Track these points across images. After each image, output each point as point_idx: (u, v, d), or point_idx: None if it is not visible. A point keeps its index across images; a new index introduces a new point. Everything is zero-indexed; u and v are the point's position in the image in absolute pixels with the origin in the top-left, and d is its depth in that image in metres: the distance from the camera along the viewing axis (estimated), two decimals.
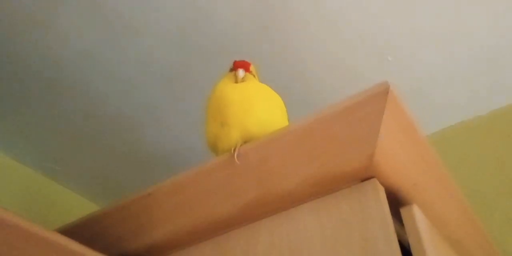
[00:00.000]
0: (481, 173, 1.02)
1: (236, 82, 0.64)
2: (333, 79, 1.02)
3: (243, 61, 0.67)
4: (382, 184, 0.54)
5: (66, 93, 1.04)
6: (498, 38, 0.97)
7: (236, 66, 0.66)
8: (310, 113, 0.54)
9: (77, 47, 0.96)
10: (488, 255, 0.73)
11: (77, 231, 0.65)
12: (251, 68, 0.67)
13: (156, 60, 0.99)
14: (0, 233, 0.48)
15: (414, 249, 0.51)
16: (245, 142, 0.58)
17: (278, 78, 0.98)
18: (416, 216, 0.53)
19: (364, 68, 1.00)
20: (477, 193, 0.99)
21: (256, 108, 0.61)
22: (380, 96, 0.49)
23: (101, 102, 1.06)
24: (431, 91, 1.06)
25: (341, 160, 0.53)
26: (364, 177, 0.54)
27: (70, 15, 0.91)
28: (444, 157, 0.64)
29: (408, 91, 1.04)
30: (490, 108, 1.09)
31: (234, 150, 0.56)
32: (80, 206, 1.25)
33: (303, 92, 1.04)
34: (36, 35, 0.93)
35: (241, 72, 0.64)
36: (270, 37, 0.95)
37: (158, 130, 1.13)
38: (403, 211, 0.54)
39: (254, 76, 0.68)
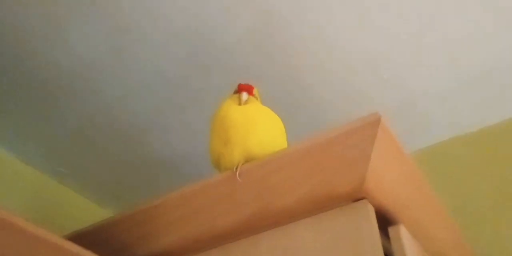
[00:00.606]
0: (472, 187, 1.07)
1: (240, 104, 0.69)
2: (328, 93, 1.07)
3: (247, 84, 0.72)
4: (372, 204, 0.58)
5: (76, 100, 1.08)
6: (490, 55, 1.01)
7: (240, 89, 0.70)
8: (308, 136, 0.58)
9: (86, 58, 1.01)
10: None
11: (85, 238, 0.69)
12: (254, 91, 0.72)
13: (161, 69, 1.03)
14: (9, 237, 0.51)
15: None
16: (246, 161, 0.63)
17: (278, 97, 1.04)
18: (402, 235, 0.57)
19: (360, 85, 1.05)
20: (467, 207, 1.04)
21: (257, 129, 0.65)
22: (373, 124, 0.54)
23: (108, 108, 1.11)
24: (424, 107, 1.10)
25: (334, 181, 0.58)
26: (356, 197, 0.58)
27: (79, 29, 0.95)
28: (435, 171, 0.68)
29: (404, 108, 1.09)
30: (482, 125, 1.13)
31: (236, 168, 0.61)
32: (86, 209, 1.30)
33: (304, 113, 1.09)
34: (47, 48, 0.97)
35: (244, 95, 0.69)
36: (270, 57, 1.00)
37: (163, 136, 1.18)
38: (391, 230, 0.58)
39: (256, 99, 0.73)
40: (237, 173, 0.61)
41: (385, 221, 0.60)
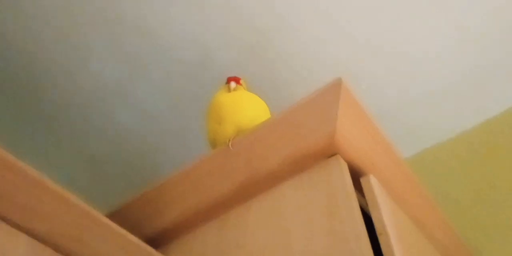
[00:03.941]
0: (458, 185, 1.15)
1: (229, 91, 0.81)
2: None
3: (235, 76, 0.85)
4: (344, 159, 0.68)
5: (92, 126, 1.22)
6: (468, 60, 1.13)
7: (229, 80, 0.84)
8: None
9: (103, 82, 1.15)
10: (446, 235, 0.85)
11: None
12: (241, 81, 0.85)
13: (171, 92, 1.17)
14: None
15: (371, 209, 0.64)
16: (237, 135, 0.74)
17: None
18: (373, 183, 0.66)
19: None
20: (453, 203, 1.11)
21: (244, 108, 0.78)
22: (335, 87, 0.65)
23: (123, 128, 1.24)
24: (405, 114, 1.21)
25: (309, 140, 0.68)
26: (329, 153, 0.68)
27: (99, 56, 1.11)
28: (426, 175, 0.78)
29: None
30: (462, 129, 1.23)
31: (229, 140, 0.72)
32: None
33: None
34: (70, 77, 1.13)
35: (232, 84, 0.82)
36: (268, 74, 1.14)
37: (176, 155, 1.29)
38: (362, 180, 0.67)
39: (244, 88, 0.85)
40: (230, 144, 0.71)
41: (357, 176, 0.69)
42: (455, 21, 1.07)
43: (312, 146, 0.68)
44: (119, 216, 0.81)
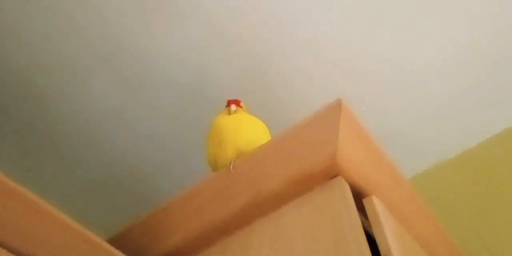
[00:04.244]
0: (460, 204, 1.14)
1: (230, 114, 0.82)
2: None
3: (235, 99, 0.85)
4: (347, 181, 0.68)
5: (93, 151, 1.22)
6: (469, 78, 1.14)
7: (229, 103, 0.84)
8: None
9: (103, 107, 1.16)
10: (451, 254, 0.85)
11: None
12: (241, 104, 0.85)
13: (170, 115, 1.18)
14: None
15: (375, 230, 0.63)
16: (238, 157, 0.74)
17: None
18: (375, 203, 0.66)
19: None
20: (456, 222, 1.11)
21: (245, 131, 0.78)
22: (335, 108, 0.65)
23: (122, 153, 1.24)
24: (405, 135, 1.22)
25: (311, 161, 0.68)
26: (332, 175, 0.68)
27: (99, 82, 1.12)
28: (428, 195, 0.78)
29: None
30: (460, 150, 1.24)
31: (230, 163, 0.72)
32: None
33: None
34: (70, 101, 1.13)
35: (233, 107, 0.83)
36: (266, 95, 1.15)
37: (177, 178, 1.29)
38: (365, 201, 0.67)
39: (244, 110, 0.85)
40: (231, 166, 0.71)
41: (360, 197, 0.68)
42: (454, 39, 1.08)
43: (313, 167, 0.68)
44: (120, 241, 0.80)
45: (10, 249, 0.59)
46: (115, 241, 0.80)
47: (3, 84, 1.10)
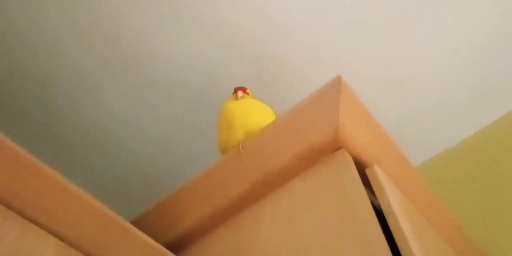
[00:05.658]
0: (462, 194, 1.18)
1: (237, 100, 0.87)
2: None
3: (242, 87, 0.90)
4: (350, 153, 0.72)
5: (105, 155, 1.27)
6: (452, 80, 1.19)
7: (236, 90, 0.89)
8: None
9: (113, 112, 1.21)
10: (455, 233, 0.88)
11: None
12: (248, 90, 0.90)
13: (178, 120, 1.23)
14: None
15: (379, 197, 0.67)
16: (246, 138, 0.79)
17: None
18: (378, 173, 0.70)
19: None
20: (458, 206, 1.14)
21: (254, 113, 0.83)
22: (335, 85, 0.70)
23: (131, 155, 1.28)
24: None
25: (315, 136, 0.72)
26: (335, 148, 0.72)
27: (110, 90, 1.17)
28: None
29: None
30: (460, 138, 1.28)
31: (239, 143, 0.76)
32: None
33: None
34: (82, 107, 1.19)
35: (240, 93, 0.88)
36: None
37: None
38: (368, 171, 0.71)
39: (250, 97, 0.90)
40: (240, 146, 0.76)
41: (363, 169, 0.72)
42: (451, 38, 1.14)
43: (318, 142, 0.72)
44: (139, 224, 0.84)
45: (38, 225, 0.64)
46: (134, 224, 0.85)
47: (18, 94, 1.15)
